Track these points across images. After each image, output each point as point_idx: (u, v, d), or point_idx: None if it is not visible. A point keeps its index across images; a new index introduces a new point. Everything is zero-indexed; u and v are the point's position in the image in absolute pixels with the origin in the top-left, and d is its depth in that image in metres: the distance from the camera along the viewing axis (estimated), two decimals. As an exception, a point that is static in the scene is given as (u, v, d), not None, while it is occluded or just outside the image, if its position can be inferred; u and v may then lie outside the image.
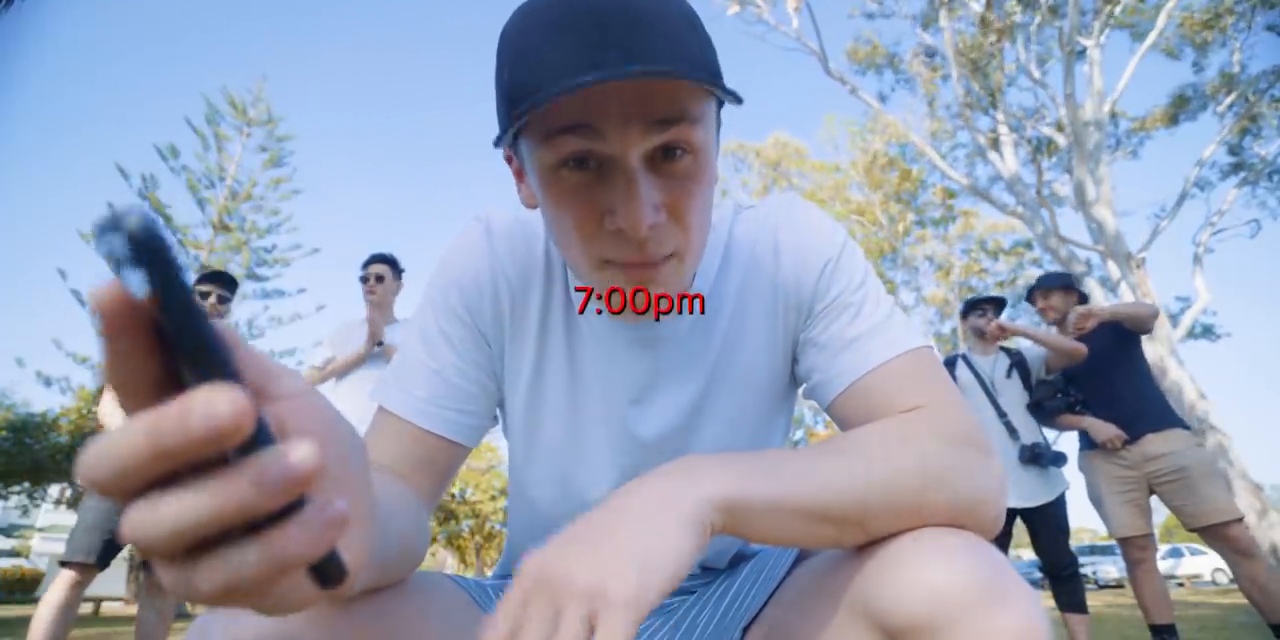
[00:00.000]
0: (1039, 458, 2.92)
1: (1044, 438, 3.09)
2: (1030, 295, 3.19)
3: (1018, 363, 3.22)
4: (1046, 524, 2.91)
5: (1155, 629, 2.71)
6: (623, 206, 0.49)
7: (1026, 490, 2.93)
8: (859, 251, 0.68)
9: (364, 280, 3.10)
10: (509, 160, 0.60)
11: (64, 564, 2.48)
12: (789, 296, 0.67)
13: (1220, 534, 2.60)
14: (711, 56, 0.51)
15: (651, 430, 0.68)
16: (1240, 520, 2.57)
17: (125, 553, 2.62)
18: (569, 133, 0.48)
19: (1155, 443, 2.76)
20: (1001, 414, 3.06)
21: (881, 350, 0.60)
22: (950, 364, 3.31)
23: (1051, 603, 2.97)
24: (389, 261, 3.16)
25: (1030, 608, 0.41)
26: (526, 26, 0.49)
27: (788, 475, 0.47)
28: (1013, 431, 3.01)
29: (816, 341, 0.65)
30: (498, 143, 0.52)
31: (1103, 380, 2.92)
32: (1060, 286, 3.10)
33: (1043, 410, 3.05)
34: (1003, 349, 3.35)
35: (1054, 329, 3.12)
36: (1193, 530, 2.67)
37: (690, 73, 0.45)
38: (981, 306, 3.30)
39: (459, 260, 0.69)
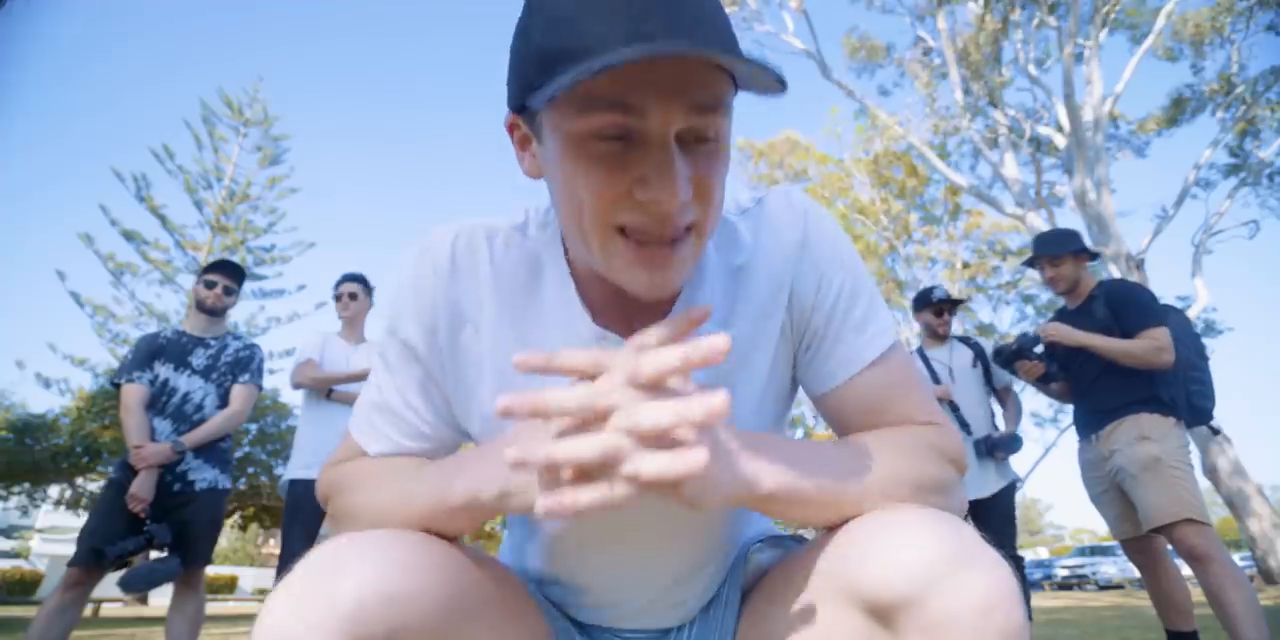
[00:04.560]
0: (995, 448, 2.98)
1: (996, 428, 3.15)
2: (1035, 260, 2.77)
3: (979, 354, 3.25)
4: (994, 513, 2.95)
5: (1170, 636, 2.48)
6: (657, 178, 0.48)
7: (978, 481, 2.94)
8: (858, 257, 0.70)
9: (337, 298, 3.28)
10: (511, 129, 0.58)
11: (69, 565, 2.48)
12: (799, 309, 0.67)
13: (1169, 538, 2.31)
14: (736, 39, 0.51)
15: None
16: (1189, 521, 2.24)
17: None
18: (608, 108, 0.47)
19: (1105, 440, 2.53)
20: (954, 408, 3.08)
21: (867, 349, 0.65)
22: None
23: (1054, 602, 3.00)
24: (360, 280, 3.31)
25: (996, 569, 0.46)
26: None
27: (818, 473, 0.54)
28: (964, 426, 3.05)
29: (813, 342, 0.67)
30: (528, 105, 0.50)
31: (1088, 362, 2.60)
32: (1071, 252, 2.69)
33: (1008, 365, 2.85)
34: (959, 338, 3.35)
35: (1064, 298, 2.80)
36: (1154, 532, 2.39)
37: (738, 53, 0.44)
38: (939, 305, 3.30)
39: (422, 285, 0.65)
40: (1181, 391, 2.55)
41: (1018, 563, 2.89)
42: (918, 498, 0.55)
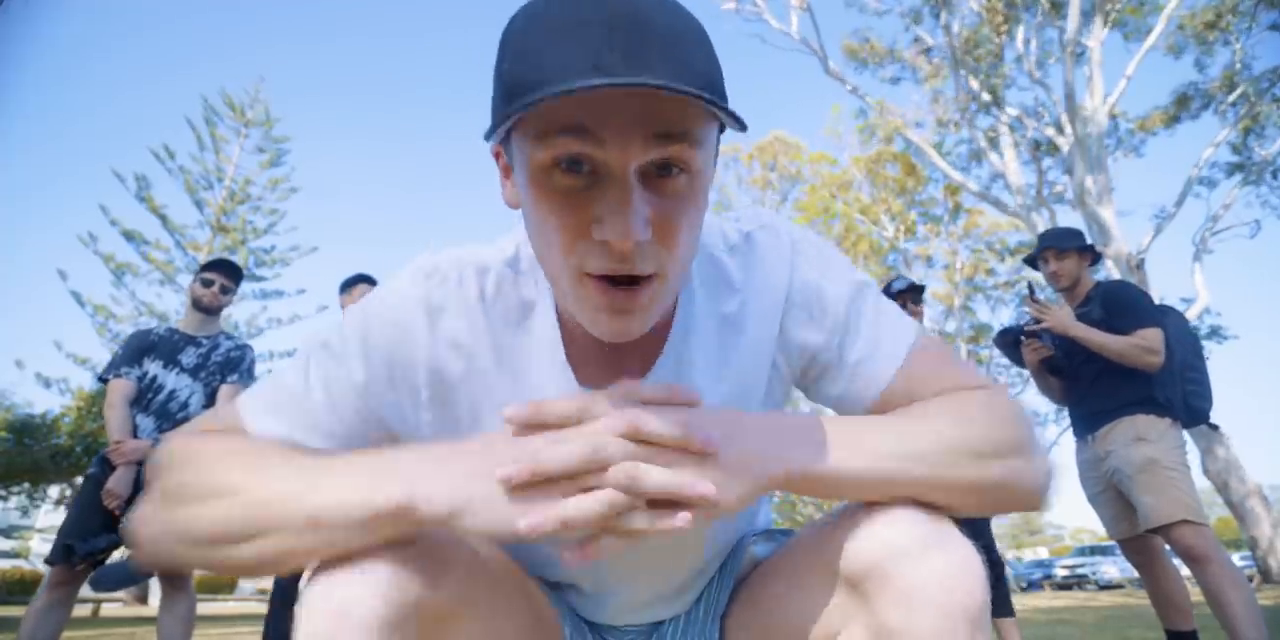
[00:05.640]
0: None
1: None
2: (1038, 255, 2.74)
3: None
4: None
5: (1170, 635, 2.46)
6: (611, 216, 0.47)
7: None
8: (852, 271, 0.68)
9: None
10: (496, 156, 0.59)
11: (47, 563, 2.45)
12: (796, 347, 0.66)
13: (1167, 539, 2.32)
14: (719, 77, 0.49)
15: None
16: (1186, 522, 2.24)
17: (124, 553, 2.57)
18: (566, 133, 0.46)
19: (1102, 441, 2.53)
20: None
21: (889, 360, 0.64)
22: None
23: (1041, 601, 3.01)
24: (376, 283, 3.25)
25: (965, 551, 0.49)
26: (531, 22, 0.48)
27: (863, 450, 0.53)
28: None
29: (827, 371, 0.66)
30: (488, 136, 0.51)
31: (1086, 363, 2.59)
32: (1076, 248, 2.67)
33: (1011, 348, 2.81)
34: None
35: (1063, 296, 2.77)
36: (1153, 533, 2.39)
37: (694, 90, 0.43)
38: (903, 295, 3.19)
39: (400, 317, 0.62)
40: (1178, 392, 2.53)
41: (998, 564, 2.90)
42: (979, 463, 0.54)
